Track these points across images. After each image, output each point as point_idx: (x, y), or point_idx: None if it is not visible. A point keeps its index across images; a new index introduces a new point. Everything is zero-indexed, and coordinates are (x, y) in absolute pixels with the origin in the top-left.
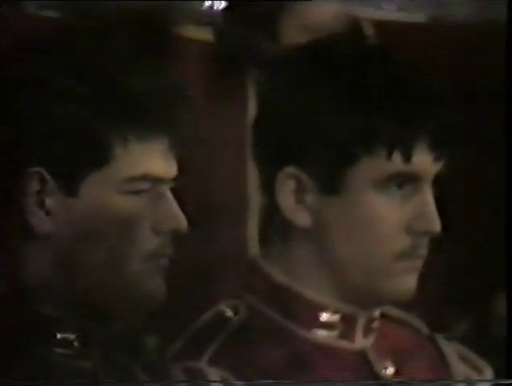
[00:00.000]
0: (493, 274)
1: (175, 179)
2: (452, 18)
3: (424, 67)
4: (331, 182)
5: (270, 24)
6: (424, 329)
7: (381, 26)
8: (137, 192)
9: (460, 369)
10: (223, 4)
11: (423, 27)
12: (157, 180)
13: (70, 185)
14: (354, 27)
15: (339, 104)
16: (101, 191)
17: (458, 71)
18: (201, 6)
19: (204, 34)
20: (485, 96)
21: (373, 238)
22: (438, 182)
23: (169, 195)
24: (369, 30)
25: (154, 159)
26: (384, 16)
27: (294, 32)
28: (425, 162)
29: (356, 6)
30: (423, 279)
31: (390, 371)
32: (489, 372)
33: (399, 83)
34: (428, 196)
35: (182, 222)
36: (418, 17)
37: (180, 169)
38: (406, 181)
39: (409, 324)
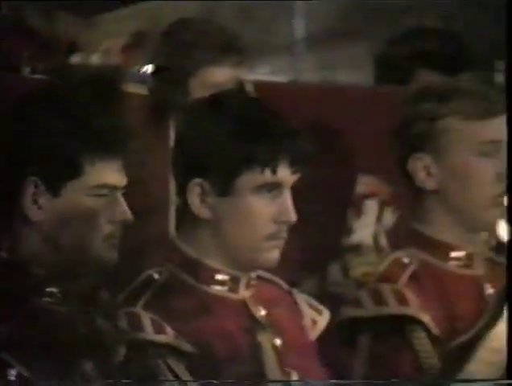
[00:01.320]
0: (328, 249)
1: (124, 187)
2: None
3: (284, 112)
4: (224, 188)
5: (185, 84)
6: (285, 285)
7: (256, 84)
8: (99, 195)
9: (308, 311)
10: (152, 69)
11: (285, 86)
12: (113, 187)
13: (55, 189)
14: (239, 86)
15: (230, 137)
16: (75, 194)
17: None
18: (139, 70)
19: (141, 90)
20: (328, 131)
21: (251, 226)
22: (294, 187)
23: (121, 197)
24: (249, 88)
25: (111, 173)
26: (259, 78)
27: (200, 89)
28: (286, 174)
29: (242, 71)
30: (283, 253)
31: (262, 313)
32: (326, 314)
33: (267, 123)
34: (288, 197)
35: (128, 215)
36: (281, 78)
37: (128, 180)
38: (273, 187)
39: (275, 282)
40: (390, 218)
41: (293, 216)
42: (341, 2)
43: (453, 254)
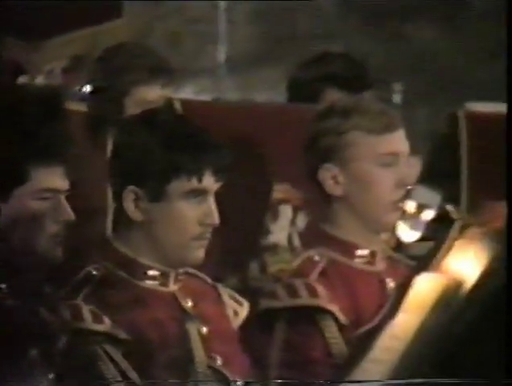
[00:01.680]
0: (248, 248)
1: (67, 191)
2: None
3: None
4: (155, 194)
5: (120, 101)
6: (209, 280)
7: (183, 102)
8: (44, 199)
9: (230, 303)
10: (90, 88)
11: (208, 104)
12: (56, 191)
13: (4, 195)
14: (168, 104)
15: (160, 149)
16: (23, 198)
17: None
18: (79, 90)
19: (81, 107)
20: (247, 144)
21: (179, 228)
22: (218, 193)
23: (64, 200)
24: (177, 105)
25: (54, 179)
26: (185, 96)
27: (134, 106)
28: (210, 182)
29: (170, 90)
30: (208, 251)
31: (190, 304)
32: (246, 305)
33: (193, 137)
34: (212, 202)
35: (71, 216)
36: (205, 97)
37: (70, 185)
38: (199, 193)
39: (201, 277)
40: (302, 221)
41: (216, 219)
42: (259, 30)
43: (358, 252)
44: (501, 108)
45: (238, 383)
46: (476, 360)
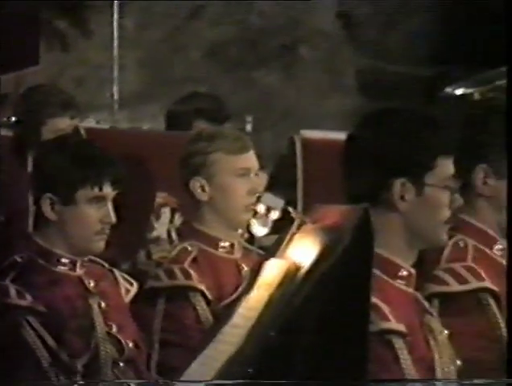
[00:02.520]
0: (137, 241)
1: None
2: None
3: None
4: (66, 200)
5: (39, 129)
6: (107, 265)
7: (87, 130)
8: None
9: (123, 283)
10: (16, 119)
11: (107, 131)
12: None
13: None
14: (76, 131)
15: (70, 166)
16: None
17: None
18: (8, 119)
19: (9, 133)
20: (136, 162)
21: (84, 225)
22: (115, 199)
23: None
24: (82, 132)
25: None
26: (89, 125)
27: (49, 133)
28: (108, 191)
29: (77, 121)
30: (107, 243)
31: (92, 284)
32: (136, 285)
33: (95, 156)
34: (110, 206)
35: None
36: (104, 126)
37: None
38: (100, 199)
39: (101, 263)
40: (178, 220)
41: (113, 219)
42: (144, 74)
43: (220, 244)
44: (328, 134)
45: None
46: (311, 320)
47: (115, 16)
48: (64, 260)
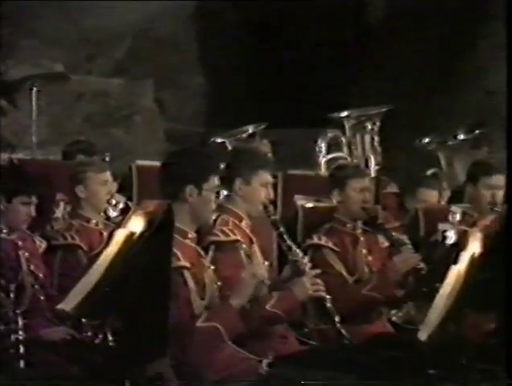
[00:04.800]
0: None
1: None
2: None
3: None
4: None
5: None
6: (28, 232)
7: (19, 160)
8: None
9: (38, 243)
10: None
11: (37, 161)
12: None
13: None
14: (10, 161)
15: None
16: None
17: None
18: None
19: None
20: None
21: (16, 220)
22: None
23: None
24: (15, 161)
25: None
26: (18, 157)
27: None
28: (33, 199)
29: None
30: None
31: (21, 243)
32: (44, 243)
33: (24, 178)
34: (33, 207)
35: None
36: (32, 158)
37: None
38: (25, 203)
39: (26, 232)
40: (68, 208)
41: (33, 214)
42: (49, 129)
43: (92, 221)
44: (154, 163)
45: None
46: (136, 272)
47: (33, 97)
48: (4, 230)
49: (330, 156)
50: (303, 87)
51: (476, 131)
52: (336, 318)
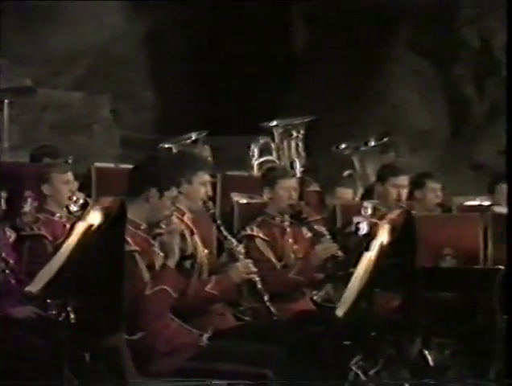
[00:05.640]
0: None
1: None
2: None
3: None
4: None
5: None
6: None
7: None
8: None
9: (8, 233)
10: None
11: (7, 163)
12: None
13: None
14: None
15: None
16: None
17: None
18: None
19: None
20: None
21: None
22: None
23: None
24: None
25: None
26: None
27: None
28: (4, 193)
29: None
30: None
31: None
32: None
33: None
34: (3, 202)
35: None
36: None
37: None
38: None
39: None
40: (35, 203)
41: (3, 207)
42: (20, 137)
43: (56, 214)
44: (119, 166)
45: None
46: (97, 259)
47: (5, 108)
48: None
49: (261, 159)
50: (239, 100)
51: (385, 139)
52: (266, 298)
